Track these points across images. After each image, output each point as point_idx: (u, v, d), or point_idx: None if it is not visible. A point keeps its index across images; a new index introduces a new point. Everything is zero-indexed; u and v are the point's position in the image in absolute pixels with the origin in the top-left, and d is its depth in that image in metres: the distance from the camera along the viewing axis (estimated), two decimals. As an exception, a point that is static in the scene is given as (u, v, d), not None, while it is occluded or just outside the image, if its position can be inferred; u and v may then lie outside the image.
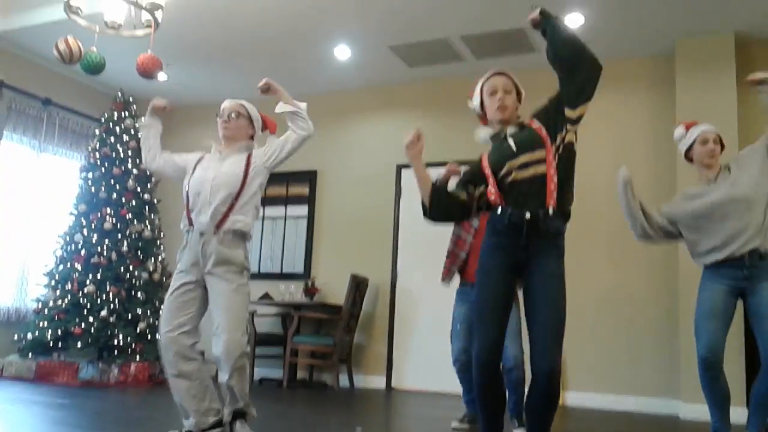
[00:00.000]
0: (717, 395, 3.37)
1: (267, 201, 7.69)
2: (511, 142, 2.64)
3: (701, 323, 3.35)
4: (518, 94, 2.83)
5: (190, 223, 3.27)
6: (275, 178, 7.59)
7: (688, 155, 3.60)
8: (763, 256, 3.27)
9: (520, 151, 2.59)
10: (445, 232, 6.75)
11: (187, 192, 3.31)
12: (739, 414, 5.22)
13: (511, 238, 2.53)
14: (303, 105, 3.51)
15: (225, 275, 3.17)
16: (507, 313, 2.58)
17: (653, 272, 5.93)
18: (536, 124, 2.66)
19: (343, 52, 6.55)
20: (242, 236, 3.28)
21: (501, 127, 2.73)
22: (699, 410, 5.29)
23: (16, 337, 6.21)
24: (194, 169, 3.38)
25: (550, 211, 2.50)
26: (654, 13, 5.49)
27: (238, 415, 3.24)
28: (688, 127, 3.60)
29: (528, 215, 2.49)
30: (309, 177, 7.53)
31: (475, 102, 2.82)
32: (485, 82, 2.79)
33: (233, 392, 3.21)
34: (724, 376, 3.36)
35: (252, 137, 3.51)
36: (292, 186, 7.63)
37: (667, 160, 5.83)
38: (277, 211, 7.64)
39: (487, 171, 2.63)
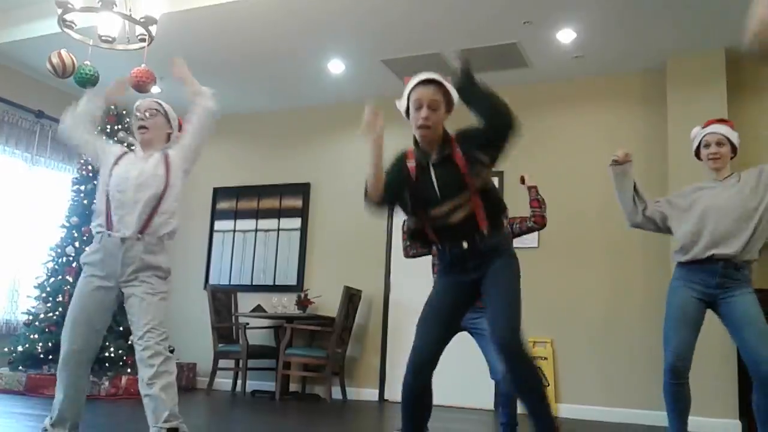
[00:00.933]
0: (681, 405, 3.31)
1: (260, 213, 7.74)
2: (435, 181, 2.57)
3: (670, 330, 3.30)
4: (448, 103, 2.59)
5: (109, 227, 3.04)
6: (268, 190, 7.70)
7: (698, 156, 3.54)
8: (738, 267, 3.25)
9: (444, 198, 2.55)
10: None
11: (108, 190, 3.08)
12: (732, 426, 5.24)
13: (457, 266, 2.60)
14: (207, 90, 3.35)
15: (149, 279, 3.04)
16: (450, 328, 2.62)
17: (648, 287, 5.95)
18: (459, 154, 2.54)
19: (336, 66, 6.58)
20: (165, 240, 3.13)
21: (425, 151, 2.62)
22: (692, 422, 5.30)
23: (6, 349, 6.17)
24: (115, 164, 3.15)
25: (485, 232, 2.54)
26: (645, 30, 5.54)
27: None
28: (705, 126, 3.51)
29: (465, 245, 2.55)
30: (302, 190, 7.54)
31: (401, 107, 2.69)
32: (411, 92, 2.60)
33: (159, 403, 2.88)
34: (689, 386, 3.29)
35: (169, 136, 3.30)
36: (285, 199, 7.63)
37: (659, 174, 5.87)
38: (270, 223, 7.65)
39: (419, 211, 2.63)
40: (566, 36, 5.70)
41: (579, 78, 6.51)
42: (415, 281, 6.92)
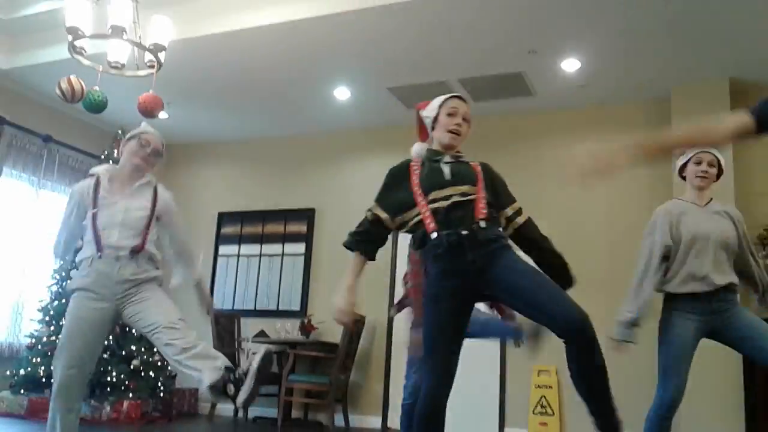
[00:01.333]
0: None
1: (264, 238, 7.75)
2: (446, 169, 2.63)
3: (674, 364, 3.25)
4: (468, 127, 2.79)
5: (99, 249, 3.13)
6: (273, 215, 7.71)
7: (681, 173, 3.55)
8: (732, 290, 3.27)
9: (453, 182, 2.59)
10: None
11: (95, 225, 3.18)
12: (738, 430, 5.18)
13: (456, 260, 2.46)
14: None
15: (146, 285, 3.22)
16: (460, 345, 2.49)
17: (655, 316, 5.91)
18: (478, 167, 2.67)
19: (342, 93, 6.63)
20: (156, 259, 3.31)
21: (442, 152, 2.70)
22: (697, 427, 5.25)
23: (8, 372, 6.16)
24: (95, 201, 3.23)
25: (483, 224, 2.49)
26: (649, 59, 5.58)
27: (230, 369, 3.11)
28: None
29: (464, 232, 2.46)
30: (307, 215, 7.56)
31: (430, 114, 2.77)
32: (446, 101, 2.74)
33: (205, 353, 3.16)
34: None
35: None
36: (290, 224, 7.65)
37: (662, 203, 5.86)
38: (274, 248, 7.65)
39: (419, 197, 2.58)
40: (571, 65, 5.74)
41: (583, 107, 6.54)
42: (419, 308, 6.90)
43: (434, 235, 2.49)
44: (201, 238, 8.01)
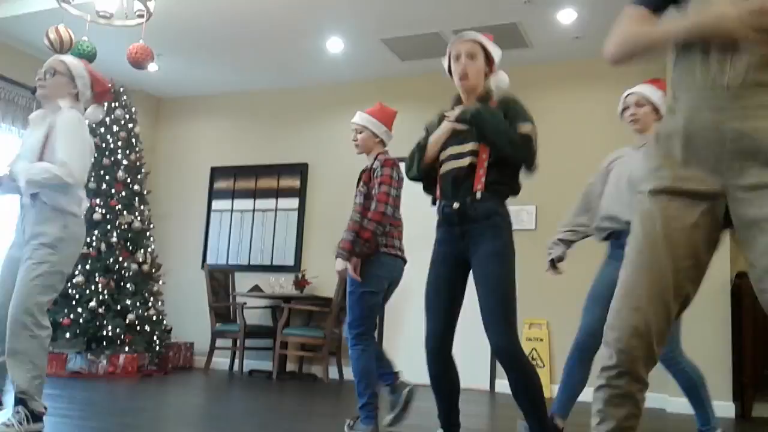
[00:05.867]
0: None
1: (258, 193, 7.73)
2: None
3: (588, 307, 3.33)
4: (488, 59, 2.72)
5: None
6: (266, 170, 7.68)
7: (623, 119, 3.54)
8: None
9: (462, 140, 2.58)
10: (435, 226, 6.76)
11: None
12: (726, 408, 5.28)
13: (448, 229, 2.61)
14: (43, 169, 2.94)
15: (33, 249, 2.93)
16: (455, 302, 2.62)
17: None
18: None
19: (335, 45, 6.54)
20: (58, 210, 2.98)
21: (467, 97, 2.68)
22: (686, 404, 5.33)
23: (4, 327, 6.18)
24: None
25: (478, 195, 2.52)
26: (646, 9, 5.50)
27: (18, 400, 2.87)
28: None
29: (456, 205, 2.54)
30: (300, 170, 7.52)
31: (444, 64, 2.75)
32: (450, 49, 2.71)
33: (9, 377, 2.90)
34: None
35: (77, 96, 3.14)
36: (282, 179, 7.62)
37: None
38: (267, 203, 7.63)
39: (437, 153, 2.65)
40: (567, 16, 5.66)
41: (579, 58, 6.48)
42: (412, 263, 6.92)
43: (437, 202, 2.66)
44: (194, 193, 7.98)
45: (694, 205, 1.57)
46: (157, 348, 6.54)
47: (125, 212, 6.56)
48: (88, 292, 6.09)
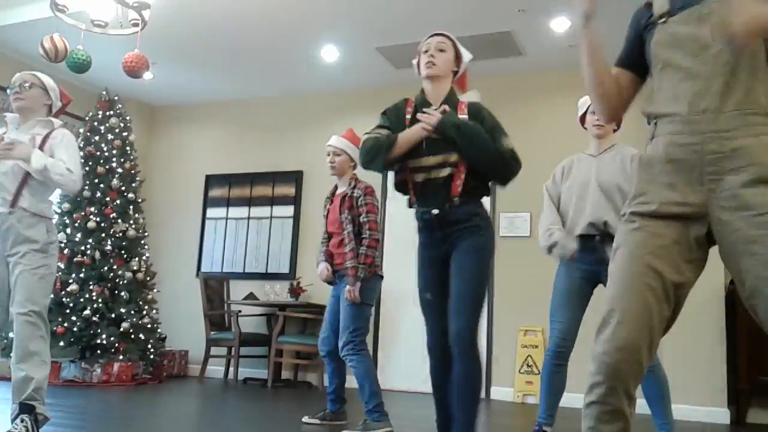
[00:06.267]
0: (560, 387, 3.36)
1: (253, 201, 7.73)
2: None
3: (554, 310, 3.36)
4: (457, 58, 2.76)
5: None
6: (261, 178, 7.69)
7: (583, 123, 3.61)
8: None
9: (430, 151, 2.60)
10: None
11: None
12: (721, 414, 5.29)
13: (429, 234, 2.66)
14: (51, 164, 3.09)
15: (26, 256, 3.03)
16: (446, 300, 2.64)
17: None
18: (465, 114, 2.65)
19: (330, 53, 6.56)
20: (38, 216, 3.13)
21: (428, 102, 2.70)
22: (681, 410, 5.35)
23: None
24: None
25: (456, 201, 2.56)
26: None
27: (24, 409, 2.98)
28: None
29: (436, 211, 2.58)
30: (295, 177, 7.53)
31: (415, 62, 2.80)
32: (422, 44, 2.76)
33: (23, 380, 3.00)
34: (566, 368, 3.33)
35: (50, 107, 3.33)
36: (278, 186, 7.62)
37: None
38: (262, 211, 7.63)
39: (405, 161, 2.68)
40: (560, 24, 5.69)
41: (573, 67, 6.48)
42: (408, 270, 6.92)
43: (414, 208, 2.70)
44: (189, 200, 7.98)
45: (678, 226, 1.63)
46: (152, 356, 6.53)
47: (120, 220, 6.55)
48: (82, 300, 6.07)
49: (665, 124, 1.68)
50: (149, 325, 6.49)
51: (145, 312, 6.50)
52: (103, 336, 6.04)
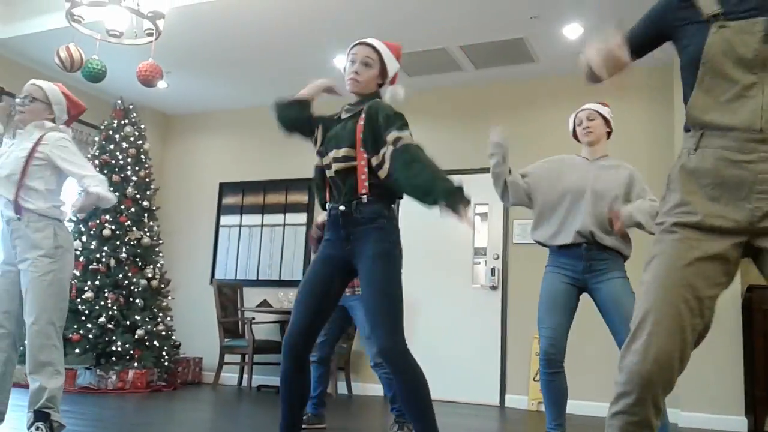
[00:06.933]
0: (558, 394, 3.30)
1: (266, 209, 7.75)
2: (336, 127, 2.68)
3: (542, 316, 3.30)
4: (383, 69, 2.72)
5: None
6: (274, 185, 7.70)
7: (575, 137, 3.61)
8: (603, 249, 3.25)
9: (335, 143, 2.62)
10: (443, 240, 6.77)
11: None
12: (739, 423, 5.24)
13: (334, 232, 2.59)
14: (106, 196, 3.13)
15: (33, 263, 3.03)
16: (326, 305, 2.58)
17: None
18: (360, 122, 2.61)
19: (341, 61, 6.56)
20: (47, 218, 3.10)
21: (350, 105, 2.72)
22: (697, 418, 5.30)
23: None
24: None
25: (364, 199, 2.52)
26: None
27: (39, 416, 3.03)
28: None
29: (342, 207, 2.54)
30: (308, 185, 7.55)
31: (341, 67, 2.81)
32: (349, 51, 2.74)
33: (37, 390, 3.05)
34: (564, 374, 3.27)
35: (53, 121, 3.30)
36: (291, 194, 7.65)
37: (665, 164, 5.84)
38: (275, 218, 7.66)
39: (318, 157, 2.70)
40: (573, 31, 5.69)
41: (586, 73, 6.48)
42: (418, 276, 6.93)
43: (326, 204, 2.67)
44: (202, 208, 8.02)
45: (719, 239, 1.62)
46: (166, 363, 6.55)
47: (134, 228, 6.59)
48: (97, 307, 6.11)
49: (716, 137, 1.66)
50: (164, 333, 6.51)
51: (159, 319, 6.53)
52: (118, 343, 6.07)
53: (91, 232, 6.41)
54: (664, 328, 1.57)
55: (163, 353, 6.49)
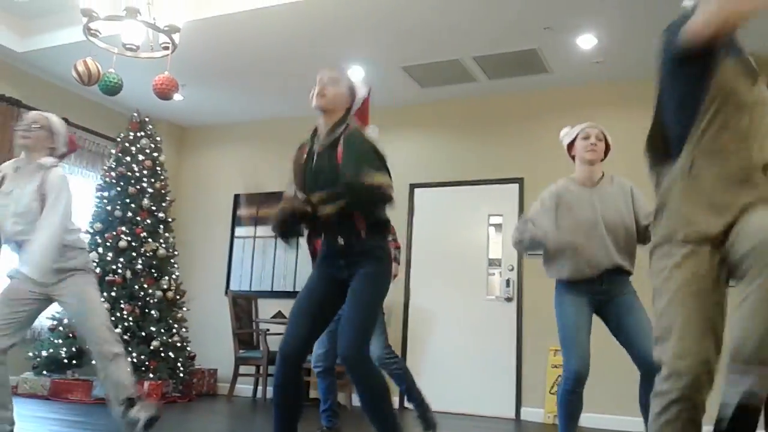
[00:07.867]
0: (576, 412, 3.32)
1: (280, 220, 7.77)
2: (313, 165, 2.67)
3: (570, 335, 3.29)
4: (351, 90, 2.76)
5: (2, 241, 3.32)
6: (289, 197, 7.67)
7: (570, 151, 3.53)
8: (623, 273, 3.26)
9: (316, 186, 2.61)
10: (458, 251, 6.76)
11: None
12: None
13: (333, 261, 2.66)
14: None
15: (71, 278, 3.31)
16: (320, 314, 2.66)
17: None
18: (340, 148, 2.61)
19: (356, 73, 6.60)
20: (67, 246, 3.32)
21: (319, 136, 2.71)
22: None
23: (30, 354, 6.25)
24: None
25: (362, 234, 2.58)
26: (666, 33, 5.50)
27: (130, 402, 3.27)
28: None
29: (341, 241, 2.60)
30: (322, 196, 7.56)
31: (310, 96, 2.80)
32: (318, 76, 2.77)
33: (115, 381, 3.26)
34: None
35: (53, 150, 3.44)
36: (305, 205, 7.65)
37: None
38: (290, 230, 7.67)
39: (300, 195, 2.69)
40: (587, 42, 5.68)
41: (599, 83, 6.48)
42: (434, 288, 6.92)
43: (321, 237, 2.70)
44: (217, 219, 8.06)
45: (720, 248, 1.80)
46: (181, 374, 6.56)
47: (150, 239, 6.63)
48: (113, 319, 6.13)
49: (714, 166, 1.87)
50: (179, 344, 6.53)
51: (174, 330, 6.55)
52: (134, 354, 6.09)
53: (108, 244, 6.45)
54: (700, 333, 1.70)
55: (178, 364, 6.50)
